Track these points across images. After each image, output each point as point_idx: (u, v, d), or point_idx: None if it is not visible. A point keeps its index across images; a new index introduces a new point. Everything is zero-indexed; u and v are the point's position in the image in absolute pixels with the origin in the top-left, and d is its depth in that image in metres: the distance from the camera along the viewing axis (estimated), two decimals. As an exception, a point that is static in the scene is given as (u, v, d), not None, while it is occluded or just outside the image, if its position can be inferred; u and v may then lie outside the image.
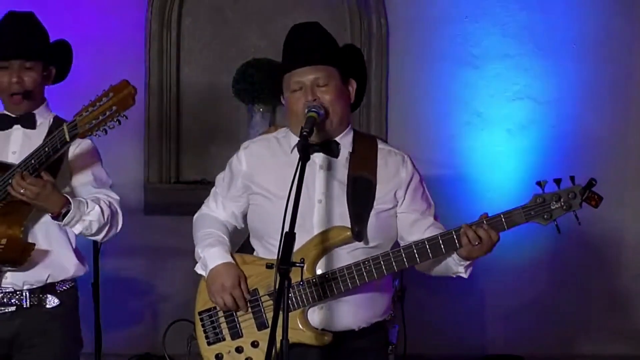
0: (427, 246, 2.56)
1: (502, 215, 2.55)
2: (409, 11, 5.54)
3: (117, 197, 3.03)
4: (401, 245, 2.69)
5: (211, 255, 2.72)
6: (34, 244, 2.90)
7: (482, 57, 5.51)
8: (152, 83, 5.54)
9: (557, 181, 2.51)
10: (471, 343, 5.51)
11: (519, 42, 5.52)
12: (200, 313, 2.75)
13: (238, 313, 2.68)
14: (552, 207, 2.52)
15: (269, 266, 2.51)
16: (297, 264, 2.34)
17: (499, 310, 5.55)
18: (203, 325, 2.73)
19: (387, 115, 5.57)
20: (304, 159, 2.44)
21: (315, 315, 2.63)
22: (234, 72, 5.49)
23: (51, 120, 3.06)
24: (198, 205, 2.96)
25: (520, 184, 5.47)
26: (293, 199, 2.38)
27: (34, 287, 2.96)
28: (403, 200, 2.71)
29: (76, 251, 3.06)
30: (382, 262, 2.57)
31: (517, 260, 5.06)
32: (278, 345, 2.28)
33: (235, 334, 2.68)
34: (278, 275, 2.28)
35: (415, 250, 2.57)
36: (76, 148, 2.98)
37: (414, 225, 2.71)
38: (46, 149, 2.75)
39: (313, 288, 2.59)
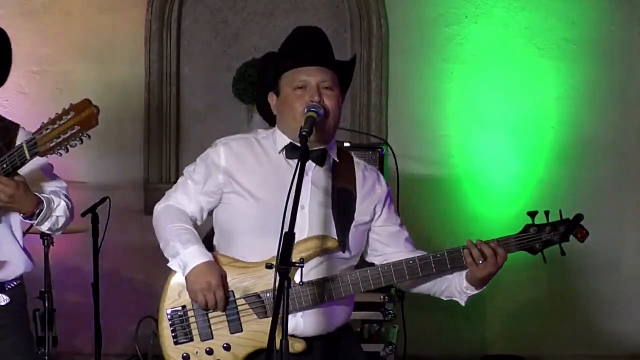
0: (418, 264, 2.60)
1: (496, 242, 2.59)
2: (409, 11, 5.54)
3: (65, 185, 3.00)
4: (371, 258, 2.74)
5: (192, 253, 2.63)
6: None
7: (482, 57, 5.51)
8: (152, 83, 5.54)
9: (546, 213, 2.59)
10: (471, 343, 5.51)
11: (519, 42, 5.52)
12: (169, 311, 2.68)
13: (210, 314, 2.64)
14: (544, 239, 2.61)
15: (269, 266, 2.50)
16: (297, 264, 2.33)
17: (498, 310, 5.55)
18: (172, 324, 2.67)
19: (387, 115, 5.57)
20: (303, 159, 2.43)
21: (296, 320, 2.60)
22: (234, 72, 5.49)
23: None
24: (198, 205, 2.94)
25: (519, 185, 5.48)
26: (292, 200, 2.36)
27: None
28: (380, 215, 2.73)
29: (24, 249, 3.02)
30: (369, 276, 2.59)
31: (517, 260, 5.04)
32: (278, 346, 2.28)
33: (206, 334, 2.63)
34: (277, 275, 2.26)
35: (405, 268, 2.61)
36: None
37: (395, 236, 2.73)
38: (4, 165, 2.70)
39: (308, 293, 2.58)
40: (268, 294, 2.58)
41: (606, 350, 5.54)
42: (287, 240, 2.29)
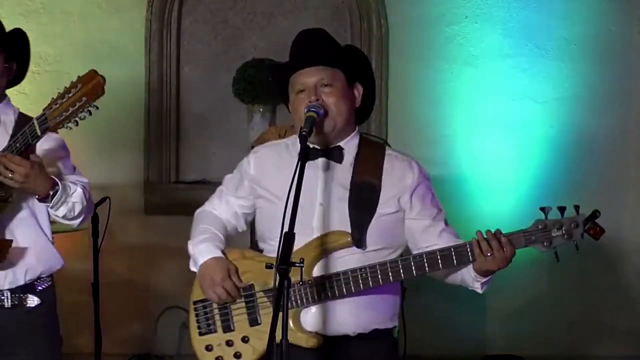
0: (425, 260, 2.55)
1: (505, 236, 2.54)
2: (409, 11, 5.54)
3: (87, 181, 3.01)
4: (413, 252, 2.68)
5: (200, 251, 2.73)
6: (12, 241, 2.87)
7: (482, 57, 5.51)
8: (152, 83, 5.54)
9: (561, 209, 2.52)
10: (471, 343, 5.51)
11: (519, 42, 5.52)
12: (195, 302, 2.75)
13: (232, 307, 2.68)
14: (553, 235, 2.53)
15: (269, 266, 2.51)
16: (297, 264, 2.34)
17: (499, 310, 5.55)
18: (197, 315, 2.73)
19: (387, 115, 5.56)
20: (303, 159, 2.44)
21: (308, 317, 2.62)
22: (234, 72, 5.50)
23: (15, 116, 3.01)
24: (198, 205, 2.97)
25: (519, 185, 5.48)
26: (292, 200, 2.38)
27: (14, 286, 2.93)
28: (410, 207, 2.67)
29: (52, 244, 3.04)
30: (378, 271, 2.56)
31: (517, 260, 5.05)
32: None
33: (227, 327, 2.68)
34: (277, 274, 2.27)
35: (412, 263, 2.56)
36: (43, 142, 2.90)
37: (426, 231, 2.67)
38: (17, 144, 2.72)
39: (308, 290, 2.59)
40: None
41: (607, 350, 5.54)
42: (287, 240, 2.30)
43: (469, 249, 2.55)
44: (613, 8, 5.54)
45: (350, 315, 2.63)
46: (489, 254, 2.50)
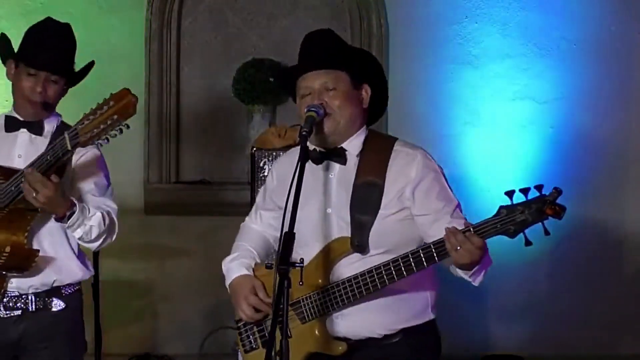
0: (412, 260, 2.46)
1: (471, 229, 2.40)
2: (409, 11, 5.54)
3: (115, 207, 3.03)
4: None
5: (229, 270, 2.77)
6: (38, 250, 2.91)
7: (482, 57, 5.51)
8: (152, 83, 5.54)
9: (524, 191, 2.36)
10: (471, 343, 5.51)
11: (519, 42, 5.53)
12: (237, 322, 2.77)
13: (265, 323, 2.68)
14: (518, 220, 2.35)
15: (269, 266, 2.51)
16: (297, 264, 2.34)
17: (499, 310, 5.55)
18: (240, 334, 2.77)
19: (386, 115, 5.54)
20: (303, 159, 2.43)
21: (334, 324, 2.60)
22: (234, 72, 5.49)
23: (57, 123, 3.04)
24: (198, 205, 2.99)
25: (519, 185, 5.46)
26: (292, 200, 2.37)
27: (39, 290, 2.97)
28: (413, 203, 2.59)
29: (80, 256, 3.07)
30: (375, 275, 2.50)
31: (517, 260, 5.05)
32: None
33: (266, 342, 2.64)
34: (277, 275, 2.26)
35: (401, 264, 2.48)
36: (81, 156, 2.97)
37: (432, 227, 2.56)
38: (48, 157, 2.74)
39: (311, 304, 2.58)
40: (306, 299, 2.59)
41: (607, 350, 5.54)
42: (287, 240, 2.29)
43: (433, 249, 2.45)
44: (613, 8, 5.54)
45: (374, 318, 2.60)
46: (457, 248, 2.38)
